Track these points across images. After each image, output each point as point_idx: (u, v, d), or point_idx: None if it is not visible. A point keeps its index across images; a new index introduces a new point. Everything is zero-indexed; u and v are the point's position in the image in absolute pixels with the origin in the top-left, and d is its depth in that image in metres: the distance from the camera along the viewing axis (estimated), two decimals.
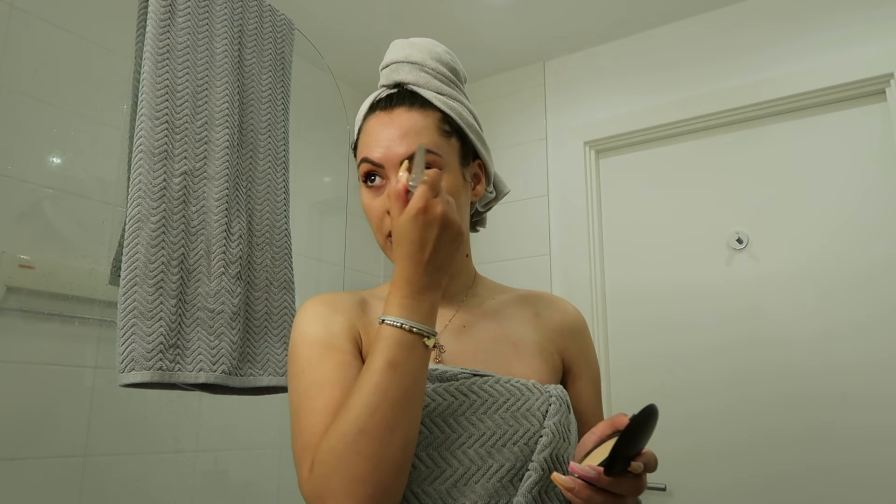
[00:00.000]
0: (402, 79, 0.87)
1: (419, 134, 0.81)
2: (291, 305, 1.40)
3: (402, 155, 0.80)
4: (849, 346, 1.71)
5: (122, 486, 1.50)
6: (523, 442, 0.76)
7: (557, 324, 0.91)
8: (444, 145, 0.83)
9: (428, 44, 0.90)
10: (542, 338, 0.88)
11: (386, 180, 0.82)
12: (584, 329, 0.94)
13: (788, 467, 1.73)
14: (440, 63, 0.88)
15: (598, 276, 2.11)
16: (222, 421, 1.72)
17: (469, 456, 0.74)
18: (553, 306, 0.94)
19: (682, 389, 1.90)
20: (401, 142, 0.81)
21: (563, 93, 2.31)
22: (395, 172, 0.80)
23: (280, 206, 1.43)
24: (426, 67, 0.87)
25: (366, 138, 0.84)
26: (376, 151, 0.82)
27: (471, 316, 0.88)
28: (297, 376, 0.78)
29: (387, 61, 0.90)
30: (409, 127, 0.82)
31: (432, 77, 0.87)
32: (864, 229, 1.76)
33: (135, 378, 1.10)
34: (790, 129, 1.91)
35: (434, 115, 0.84)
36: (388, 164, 0.81)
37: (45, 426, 1.38)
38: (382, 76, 0.90)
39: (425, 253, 0.70)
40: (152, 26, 1.25)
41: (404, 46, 0.89)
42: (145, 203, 1.18)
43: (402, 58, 0.88)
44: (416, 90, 0.86)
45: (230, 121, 1.32)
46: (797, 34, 1.91)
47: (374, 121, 0.84)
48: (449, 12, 2.07)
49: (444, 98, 0.86)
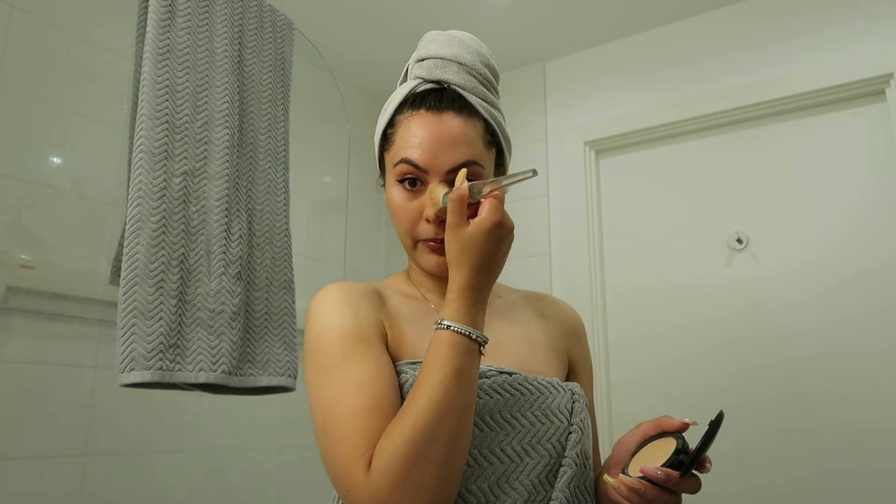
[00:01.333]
0: (449, 79, 0.83)
1: (469, 144, 0.80)
2: (291, 305, 1.40)
3: (451, 165, 0.78)
4: (849, 346, 1.71)
5: (122, 486, 1.50)
6: (556, 438, 0.78)
7: (561, 324, 0.93)
8: (486, 156, 0.82)
9: (475, 43, 0.86)
10: (550, 337, 0.90)
11: (425, 185, 0.80)
12: (583, 330, 0.98)
13: (790, 467, 1.73)
14: (486, 67, 0.86)
15: (597, 276, 2.11)
16: (222, 421, 1.72)
17: (507, 453, 0.75)
18: (555, 307, 0.96)
19: (682, 389, 1.90)
20: (451, 150, 0.79)
21: (563, 93, 2.31)
22: (438, 180, 0.79)
23: (280, 206, 1.43)
24: (475, 71, 0.84)
25: (408, 137, 0.81)
26: (422, 155, 0.79)
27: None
28: (327, 371, 0.73)
29: (430, 54, 0.85)
30: (459, 136, 0.79)
31: (479, 82, 0.84)
32: (864, 229, 1.76)
33: (135, 378, 1.10)
34: (790, 129, 1.91)
35: (479, 124, 0.82)
36: (433, 171, 0.79)
37: (45, 426, 1.38)
38: (421, 68, 0.85)
39: (494, 264, 0.72)
40: (152, 26, 1.25)
41: (453, 43, 0.85)
42: (145, 203, 1.18)
43: (451, 56, 0.84)
44: (463, 94, 0.82)
45: (230, 121, 1.32)
46: (797, 34, 1.91)
47: (419, 120, 0.81)
48: (449, 12, 2.07)
49: (487, 106, 0.84)
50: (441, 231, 0.79)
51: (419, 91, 0.83)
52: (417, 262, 0.85)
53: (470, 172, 0.79)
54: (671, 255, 2.02)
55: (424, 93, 0.83)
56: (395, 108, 0.85)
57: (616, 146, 2.19)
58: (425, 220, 0.80)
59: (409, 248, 0.84)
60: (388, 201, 0.86)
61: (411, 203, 0.81)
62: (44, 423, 1.37)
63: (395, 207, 0.83)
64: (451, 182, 0.79)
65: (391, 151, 0.84)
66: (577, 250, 2.13)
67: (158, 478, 1.58)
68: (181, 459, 1.64)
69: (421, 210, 0.80)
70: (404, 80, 0.91)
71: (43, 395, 1.38)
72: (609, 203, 2.19)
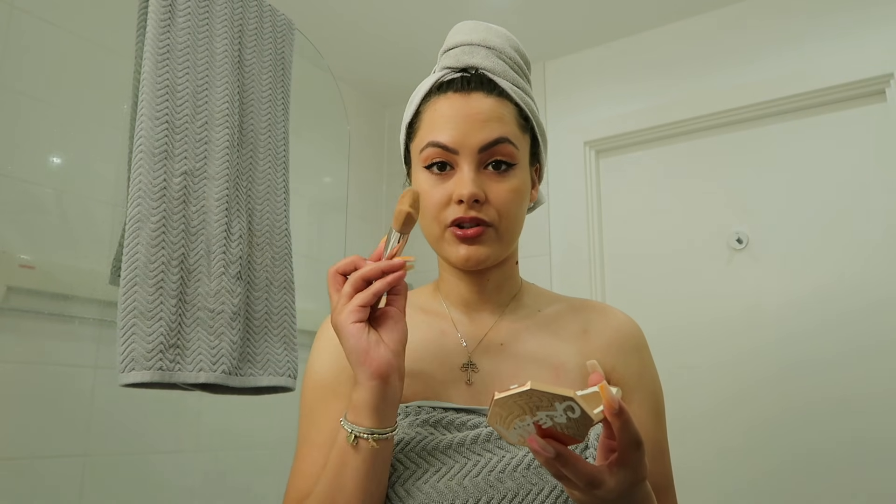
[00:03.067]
0: (477, 63, 0.78)
1: (501, 121, 0.74)
2: (291, 305, 1.40)
3: (482, 142, 0.72)
4: (850, 347, 1.71)
5: (123, 485, 1.50)
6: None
7: (605, 341, 0.79)
8: (521, 139, 0.76)
9: (503, 30, 0.82)
10: (588, 359, 0.77)
11: (455, 167, 0.74)
12: (638, 344, 0.81)
13: (789, 468, 1.73)
14: (517, 53, 0.81)
15: (597, 276, 2.11)
16: (222, 421, 1.72)
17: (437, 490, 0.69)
18: (603, 320, 0.82)
19: (681, 389, 1.90)
20: (482, 127, 0.73)
21: (563, 93, 2.31)
22: (470, 160, 0.72)
23: (280, 206, 1.43)
24: (504, 55, 0.79)
25: (434, 120, 0.75)
26: (451, 134, 0.73)
27: (511, 331, 0.79)
28: (300, 417, 0.78)
29: (457, 42, 0.81)
30: (489, 112, 0.74)
31: (509, 67, 0.79)
32: (863, 229, 1.76)
33: (135, 378, 1.10)
34: (790, 129, 1.91)
35: (511, 107, 0.76)
36: (463, 150, 0.73)
37: (45, 426, 1.38)
38: (448, 57, 0.80)
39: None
40: (152, 26, 1.25)
41: (479, 29, 0.81)
42: (145, 203, 1.18)
43: (478, 41, 0.79)
44: (493, 78, 0.77)
45: (230, 121, 1.32)
46: (797, 34, 1.91)
47: (445, 102, 0.75)
48: (449, 12, 2.07)
49: (519, 91, 0.78)
50: (473, 210, 0.72)
51: (446, 80, 0.78)
52: (444, 255, 0.76)
53: (504, 151, 0.73)
54: (671, 255, 2.02)
55: (452, 79, 0.77)
56: (420, 98, 0.79)
57: (616, 146, 2.19)
58: (456, 201, 0.72)
59: (437, 238, 0.75)
60: None
61: (440, 187, 0.74)
62: (44, 423, 1.37)
63: (423, 196, 0.75)
64: (484, 162, 0.73)
65: (416, 139, 0.78)
66: (577, 250, 2.13)
67: (158, 478, 1.58)
68: (181, 459, 1.64)
69: (450, 193, 0.73)
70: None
71: (43, 395, 1.38)
72: (609, 203, 2.19)
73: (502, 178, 0.74)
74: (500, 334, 0.79)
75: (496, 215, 0.73)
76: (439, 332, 0.79)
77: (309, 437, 0.75)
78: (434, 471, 0.69)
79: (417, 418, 0.72)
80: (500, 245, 0.75)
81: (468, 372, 0.76)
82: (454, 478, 0.68)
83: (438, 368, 0.76)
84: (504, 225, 0.74)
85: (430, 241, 0.77)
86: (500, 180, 0.74)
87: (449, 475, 0.68)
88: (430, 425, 0.72)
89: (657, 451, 0.77)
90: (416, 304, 0.82)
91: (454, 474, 0.68)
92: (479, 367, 0.76)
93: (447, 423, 0.72)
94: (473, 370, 0.76)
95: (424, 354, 0.77)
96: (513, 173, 0.75)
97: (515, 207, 0.75)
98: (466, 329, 0.80)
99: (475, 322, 0.80)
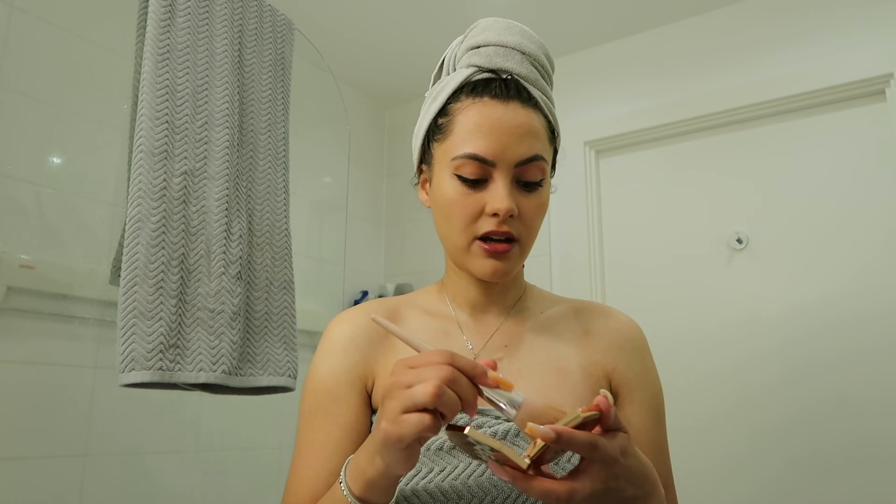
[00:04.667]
0: (512, 69, 0.75)
1: (536, 137, 0.73)
2: (291, 305, 1.40)
3: (520, 157, 0.72)
4: (850, 347, 1.71)
5: (122, 486, 1.50)
6: None
7: (607, 342, 0.79)
8: (549, 153, 0.77)
9: (534, 34, 0.80)
10: (590, 361, 0.78)
11: (489, 180, 0.72)
12: (639, 345, 0.81)
13: (789, 467, 1.73)
14: (547, 59, 0.80)
15: (597, 276, 2.11)
16: (222, 421, 1.72)
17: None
18: (605, 320, 0.82)
19: (681, 389, 1.90)
20: (521, 141, 0.72)
21: (562, 92, 2.30)
22: (505, 174, 0.72)
23: (280, 206, 1.43)
24: (537, 63, 0.78)
25: (470, 127, 0.73)
26: (490, 146, 0.71)
27: (515, 333, 0.79)
28: (300, 419, 0.78)
29: (490, 40, 0.78)
30: (527, 126, 0.73)
31: (540, 76, 0.78)
32: (863, 229, 1.76)
33: (135, 378, 1.10)
34: (790, 129, 1.92)
35: (542, 119, 0.76)
36: (500, 163, 0.71)
37: (45, 426, 1.38)
38: (477, 55, 0.77)
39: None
40: (152, 26, 1.25)
41: (514, 31, 0.78)
42: (145, 203, 1.18)
43: (514, 44, 0.77)
44: (528, 87, 0.75)
45: (230, 121, 1.32)
46: (797, 34, 1.91)
47: (483, 108, 0.73)
48: (449, 13, 2.07)
49: (548, 102, 0.78)
50: (506, 225, 0.71)
51: (478, 79, 0.75)
52: (467, 266, 0.75)
53: (537, 169, 0.73)
54: (671, 255, 2.02)
55: (486, 80, 0.75)
56: (448, 94, 0.76)
57: (616, 146, 2.19)
58: (490, 214, 0.71)
59: (462, 249, 0.74)
60: (435, 196, 0.77)
61: (471, 197, 0.72)
62: (44, 423, 1.37)
63: (449, 202, 0.73)
64: (517, 177, 0.72)
65: (447, 142, 0.75)
66: (577, 250, 2.13)
67: (158, 478, 1.58)
68: (181, 459, 1.64)
69: (482, 205, 0.72)
70: (442, 72, 0.83)
71: (43, 395, 1.38)
72: (609, 203, 2.19)
73: (531, 193, 0.74)
74: (505, 336, 0.79)
75: (524, 230, 0.74)
76: (444, 334, 0.79)
77: (308, 440, 0.75)
78: (438, 471, 0.69)
79: None
80: (521, 259, 0.76)
81: None
82: (458, 478, 0.69)
83: None
84: (528, 240, 0.76)
85: (453, 249, 0.76)
86: (529, 196, 0.74)
87: (453, 475, 0.69)
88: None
89: (657, 451, 0.77)
90: (420, 305, 0.83)
91: (458, 474, 0.69)
92: None
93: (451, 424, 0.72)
94: None
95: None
96: (541, 189, 0.75)
97: (540, 221, 0.76)
98: (472, 331, 0.80)
99: (480, 324, 0.80)
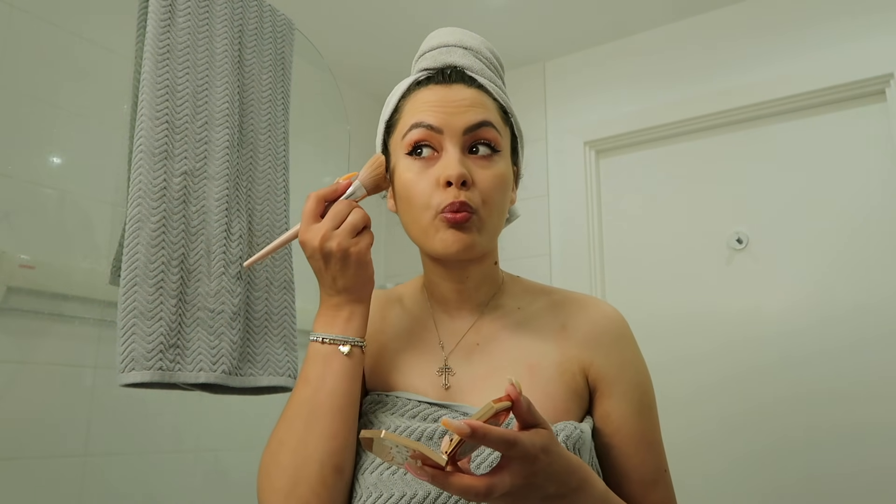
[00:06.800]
0: (455, 62, 0.78)
1: (484, 107, 0.74)
2: (291, 305, 1.40)
3: (467, 123, 0.72)
4: (850, 347, 1.71)
5: (122, 486, 1.50)
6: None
7: (583, 335, 0.77)
8: (503, 129, 0.76)
9: (477, 35, 0.83)
10: (565, 356, 0.75)
11: (440, 151, 0.72)
12: (618, 336, 0.78)
13: (788, 467, 1.73)
14: (492, 55, 0.82)
15: (597, 277, 2.11)
16: (222, 421, 1.72)
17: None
18: (583, 314, 0.79)
19: (681, 389, 1.90)
20: (466, 111, 0.72)
21: (562, 93, 2.31)
22: (455, 142, 0.72)
23: (280, 206, 1.43)
24: (481, 55, 0.80)
25: (416, 107, 0.75)
26: (436, 116, 0.72)
27: (489, 330, 0.78)
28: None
29: (433, 45, 0.81)
30: (472, 99, 0.74)
31: (486, 66, 0.80)
32: (863, 228, 1.76)
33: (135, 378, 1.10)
34: (790, 129, 1.92)
35: (491, 100, 0.76)
36: (448, 129, 0.71)
37: (45, 426, 1.38)
38: (426, 59, 0.80)
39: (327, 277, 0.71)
40: (152, 26, 1.25)
41: (454, 32, 0.82)
42: (145, 203, 1.18)
43: (454, 42, 0.80)
44: (472, 75, 0.77)
45: (230, 121, 1.32)
46: (797, 34, 1.91)
47: (427, 93, 0.75)
48: (448, 13, 2.07)
49: (497, 89, 0.79)
50: (463, 193, 0.69)
51: (427, 76, 0.78)
52: (430, 245, 0.72)
53: (488, 135, 0.73)
54: (671, 255, 2.02)
55: (430, 75, 0.77)
56: (398, 96, 0.79)
57: (616, 146, 2.19)
58: (444, 184, 0.70)
59: (424, 228, 0.72)
60: (396, 189, 0.76)
61: (425, 173, 0.72)
62: (44, 423, 1.37)
63: (405, 184, 0.73)
64: (469, 145, 0.73)
65: (397, 129, 0.77)
66: (577, 250, 2.13)
67: (158, 478, 1.58)
68: (181, 459, 1.64)
69: (437, 177, 0.71)
70: None
71: (43, 395, 1.38)
72: (609, 203, 2.19)
73: (487, 163, 0.73)
74: (479, 334, 0.78)
75: (480, 201, 0.71)
76: (421, 330, 0.81)
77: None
78: (376, 497, 0.68)
79: (395, 408, 0.74)
80: (483, 234, 0.72)
81: (444, 375, 0.76)
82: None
83: (416, 367, 0.78)
84: (486, 212, 0.72)
85: (416, 232, 0.74)
86: (484, 166, 0.73)
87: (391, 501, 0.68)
88: (408, 417, 0.73)
89: (642, 444, 0.75)
90: (400, 300, 0.84)
91: (396, 501, 0.67)
92: (455, 371, 0.76)
93: (424, 416, 0.73)
94: (450, 374, 0.76)
95: (405, 353, 0.79)
96: (497, 160, 0.74)
97: (499, 195, 0.73)
98: (446, 329, 0.80)
99: (455, 321, 0.80)
